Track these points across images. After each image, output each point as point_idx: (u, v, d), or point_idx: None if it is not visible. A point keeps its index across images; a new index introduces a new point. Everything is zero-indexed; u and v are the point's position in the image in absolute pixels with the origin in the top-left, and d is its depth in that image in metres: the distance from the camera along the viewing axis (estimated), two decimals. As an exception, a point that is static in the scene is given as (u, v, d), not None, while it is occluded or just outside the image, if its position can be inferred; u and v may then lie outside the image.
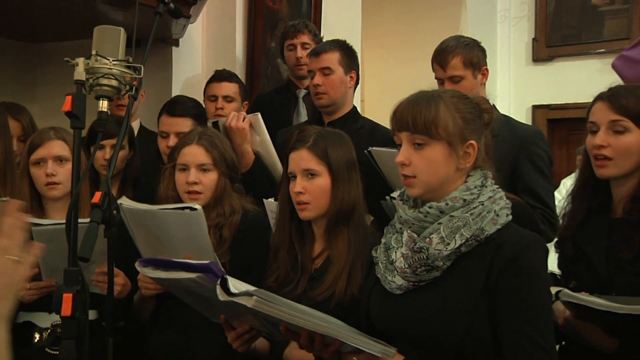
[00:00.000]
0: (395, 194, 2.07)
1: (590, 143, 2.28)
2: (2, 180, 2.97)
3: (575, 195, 2.44)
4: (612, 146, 2.21)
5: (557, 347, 2.27)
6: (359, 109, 3.63)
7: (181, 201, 2.68)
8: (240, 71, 4.51)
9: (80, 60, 2.13)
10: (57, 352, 1.89)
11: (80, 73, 2.11)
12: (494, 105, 2.24)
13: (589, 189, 2.39)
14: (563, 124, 8.91)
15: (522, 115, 8.89)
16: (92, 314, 2.67)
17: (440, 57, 3.21)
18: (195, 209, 2.39)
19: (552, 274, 2.08)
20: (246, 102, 3.95)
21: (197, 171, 2.67)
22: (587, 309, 2.04)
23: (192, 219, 2.40)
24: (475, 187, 1.93)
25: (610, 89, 2.31)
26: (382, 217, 2.74)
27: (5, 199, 2.91)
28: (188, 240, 2.45)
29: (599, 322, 2.11)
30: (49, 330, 2.67)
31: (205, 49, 4.63)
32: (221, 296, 1.73)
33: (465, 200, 1.90)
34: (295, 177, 2.33)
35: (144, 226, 2.50)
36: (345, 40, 3.52)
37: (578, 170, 2.46)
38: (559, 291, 2.07)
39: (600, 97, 2.29)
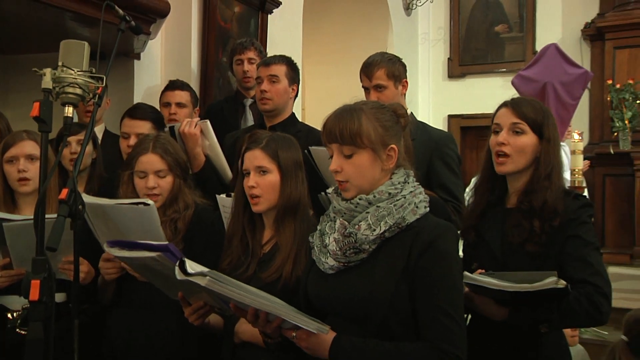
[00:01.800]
0: (330, 190, 2.09)
1: (493, 141, 2.35)
2: None
3: (477, 189, 2.51)
4: (511, 144, 2.29)
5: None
6: (300, 117, 3.65)
7: None
8: (194, 82, 4.50)
9: (48, 71, 2.11)
10: (26, 332, 1.88)
11: (47, 82, 2.09)
12: (411, 112, 2.29)
13: (489, 184, 2.45)
14: (473, 131, 9.32)
15: (439, 123, 9.13)
16: (60, 297, 2.64)
17: (367, 69, 3.25)
18: (148, 204, 2.39)
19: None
20: (197, 108, 3.94)
21: (154, 177, 2.65)
22: (481, 287, 2.13)
23: (146, 212, 2.39)
24: (399, 182, 1.95)
25: (513, 99, 2.41)
26: (318, 210, 2.76)
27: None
28: (143, 232, 2.43)
29: (491, 296, 2.18)
30: (19, 312, 2.63)
31: (164, 62, 4.60)
32: (179, 276, 1.74)
33: (390, 193, 1.92)
34: (249, 173, 2.33)
35: (103, 218, 2.47)
36: (291, 58, 3.55)
37: (481, 167, 2.51)
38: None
39: (504, 104, 2.38)
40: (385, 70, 3.20)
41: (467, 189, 3.15)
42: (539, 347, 2.26)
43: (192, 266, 1.74)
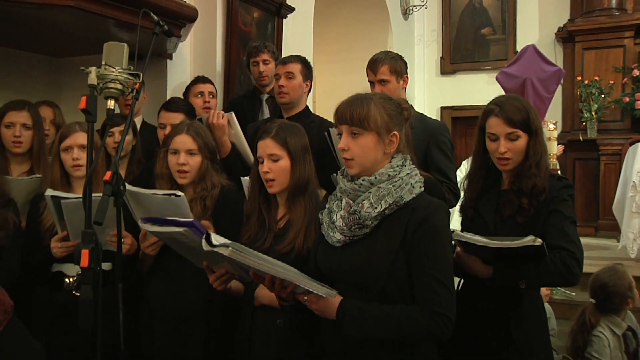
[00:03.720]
0: (338, 172, 2.10)
1: (492, 149, 2.33)
2: (37, 163, 3.02)
3: (472, 176, 2.50)
4: (511, 150, 2.28)
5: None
6: (311, 109, 3.64)
7: (174, 180, 2.67)
8: (219, 78, 4.49)
9: (93, 69, 2.13)
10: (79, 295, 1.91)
11: (92, 79, 2.10)
12: (411, 105, 2.27)
13: (484, 172, 2.44)
14: (462, 120, 9.39)
15: (433, 113, 9.16)
16: (107, 266, 2.66)
17: (373, 65, 3.23)
18: (179, 196, 2.38)
19: (453, 230, 2.13)
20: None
21: (185, 155, 2.65)
22: (470, 245, 2.16)
23: (177, 201, 2.38)
24: (398, 166, 1.95)
25: (497, 104, 2.34)
26: (332, 189, 2.76)
27: (38, 176, 2.93)
28: (176, 216, 2.43)
29: (479, 255, 2.20)
30: (74, 277, 2.66)
31: (193, 61, 4.58)
32: (205, 247, 1.73)
33: (389, 175, 1.92)
34: (262, 160, 2.32)
35: (141, 204, 2.48)
36: (305, 57, 3.52)
37: (472, 157, 2.51)
38: (452, 231, 2.13)
39: (493, 112, 2.32)
40: (388, 66, 3.19)
41: (458, 171, 3.16)
42: (519, 305, 2.28)
43: (216, 239, 1.74)
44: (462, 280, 2.41)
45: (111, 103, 2.16)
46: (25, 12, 3.10)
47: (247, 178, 2.80)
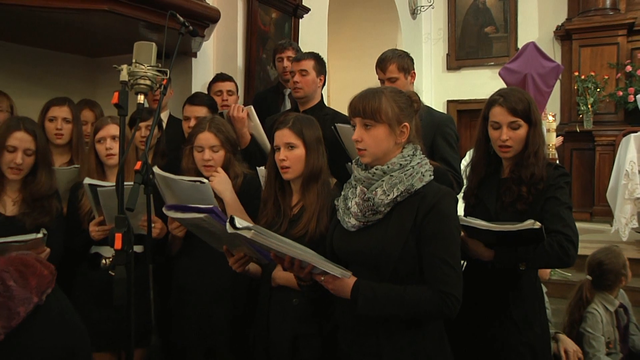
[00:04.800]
0: (353, 162, 2.08)
1: (495, 137, 2.30)
2: (76, 153, 3.10)
3: (474, 165, 2.46)
4: (512, 138, 2.26)
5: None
6: (325, 102, 3.62)
7: (200, 173, 2.67)
8: (240, 75, 4.49)
9: (124, 67, 2.14)
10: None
11: (124, 75, 2.11)
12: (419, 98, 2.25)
13: (485, 161, 2.41)
14: (467, 113, 9.34)
15: (440, 107, 9.09)
16: (139, 248, 2.68)
17: (382, 64, 3.20)
18: (204, 182, 2.37)
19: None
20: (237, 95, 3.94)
21: (209, 151, 2.65)
22: (473, 230, 2.14)
23: (202, 188, 2.39)
24: (409, 155, 1.93)
25: (501, 95, 2.31)
26: (342, 178, 2.75)
27: (77, 166, 2.97)
28: (199, 202, 2.44)
29: (481, 239, 2.18)
30: (110, 258, 2.68)
31: (215, 59, 4.58)
32: (229, 229, 1.72)
33: (401, 164, 1.90)
34: (279, 149, 2.30)
35: (169, 188, 2.49)
36: (319, 54, 3.50)
37: (475, 146, 2.49)
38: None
39: (497, 102, 2.30)
40: (396, 64, 3.14)
41: (463, 161, 3.13)
42: (518, 285, 2.28)
43: (240, 222, 1.73)
44: (466, 263, 2.40)
45: (141, 98, 2.16)
46: (65, 16, 3.16)
47: (262, 168, 2.81)
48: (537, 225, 2.01)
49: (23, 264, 1.00)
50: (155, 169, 2.50)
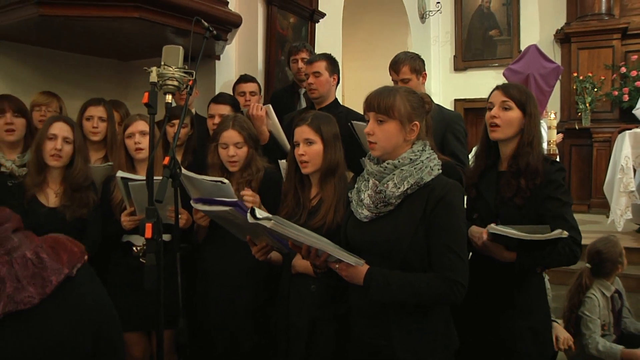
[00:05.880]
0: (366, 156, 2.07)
1: (487, 115, 2.29)
2: (110, 150, 3.11)
3: (477, 156, 2.43)
4: (501, 117, 2.23)
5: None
6: (340, 101, 3.60)
7: (224, 168, 2.68)
8: (260, 76, 4.46)
9: (154, 69, 2.13)
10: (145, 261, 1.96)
11: (153, 77, 2.11)
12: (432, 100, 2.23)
13: (486, 153, 2.37)
14: (473, 111, 9.26)
15: (448, 105, 9.02)
16: (167, 237, 2.69)
17: (395, 66, 3.16)
18: (225, 183, 2.36)
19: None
20: (260, 95, 3.89)
21: (234, 147, 2.64)
22: (498, 235, 2.07)
23: (223, 188, 2.37)
24: (418, 150, 1.91)
25: (503, 83, 2.33)
26: (358, 171, 2.73)
27: (110, 164, 2.98)
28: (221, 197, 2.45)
29: (502, 242, 2.12)
30: (140, 246, 2.72)
31: (237, 61, 4.56)
32: (250, 220, 1.71)
33: (411, 159, 1.88)
34: (298, 144, 2.29)
35: (194, 186, 2.49)
36: (330, 54, 3.46)
37: (480, 139, 2.45)
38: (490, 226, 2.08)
39: (496, 87, 2.31)
40: (409, 66, 3.11)
41: (470, 156, 3.10)
42: (523, 286, 2.24)
43: (260, 213, 1.72)
44: (471, 254, 2.36)
45: (169, 97, 2.16)
46: (99, 24, 3.19)
47: (283, 161, 2.80)
48: (565, 234, 1.99)
49: (55, 242, 1.07)
50: (183, 170, 2.50)
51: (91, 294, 1.17)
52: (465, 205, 2.38)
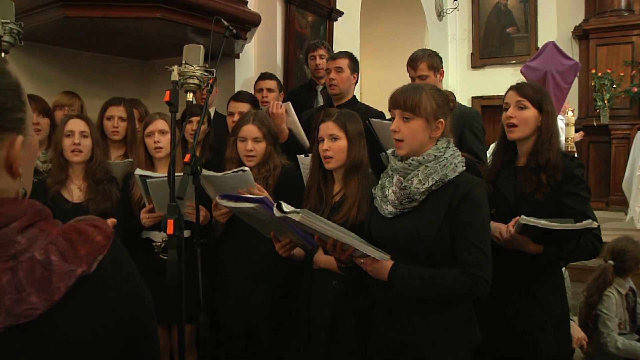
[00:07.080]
0: (389, 151, 2.05)
1: (504, 116, 2.28)
2: (130, 149, 3.13)
3: (495, 153, 2.41)
4: (517, 117, 2.22)
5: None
6: (358, 98, 3.58)
7: (241, 162, 2.66)
8: (279, 74, 4.44)
9: (175, 68, 2.16)
10: (166, 257, 1.95)
11: (175, 75, 2.13)
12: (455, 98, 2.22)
13: (504, 149, 2.35)
14: (490, 108, 9.13)
15: (465, 102, 8.92)
16: (187, 233, 2.66)
17: (412, 63, 3.12)
18: (245, 170, 2.35)
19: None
20: (282, 92, 3.87)
21: (252, 142, 2.63)
22: (526, 227, 2.03)
23: (243, 176, 2.37)
24: (443, 147, 1.89)
25: (518, 83, 2.32)
26: (376, 167, 2.71)
27: (130, 160, 2.99)
28: (241, 188, 2.43)
29: (528, 234, 2.09)
30: (160, 243, 2.72)
31: (257, 59, 4.56)
32: (277, 214, 1.69)
33: (435, 156, 1.87)
34: (323, 140, 2.28)
35: (213, 184, 2.48)
36: (352, 52, 3.45)
37: (498, 136, 2.43)
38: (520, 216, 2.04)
39: (511, 87, 2.30)
40: (426, 63, 3.07)
41: (487, 153, 3.07)
42: (543, 281, 2.22)
43: (287, 207, 1.70)
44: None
45: (190, 96, 2.17)
46: (122, 24, 3.21)
47: (302, 156, 2.80)
48: (595, 224, 1.99)
49: (75, 231, 0.92)
50: (203, 170, 2.51)
51: (118, 288, 1.03)
52: None
